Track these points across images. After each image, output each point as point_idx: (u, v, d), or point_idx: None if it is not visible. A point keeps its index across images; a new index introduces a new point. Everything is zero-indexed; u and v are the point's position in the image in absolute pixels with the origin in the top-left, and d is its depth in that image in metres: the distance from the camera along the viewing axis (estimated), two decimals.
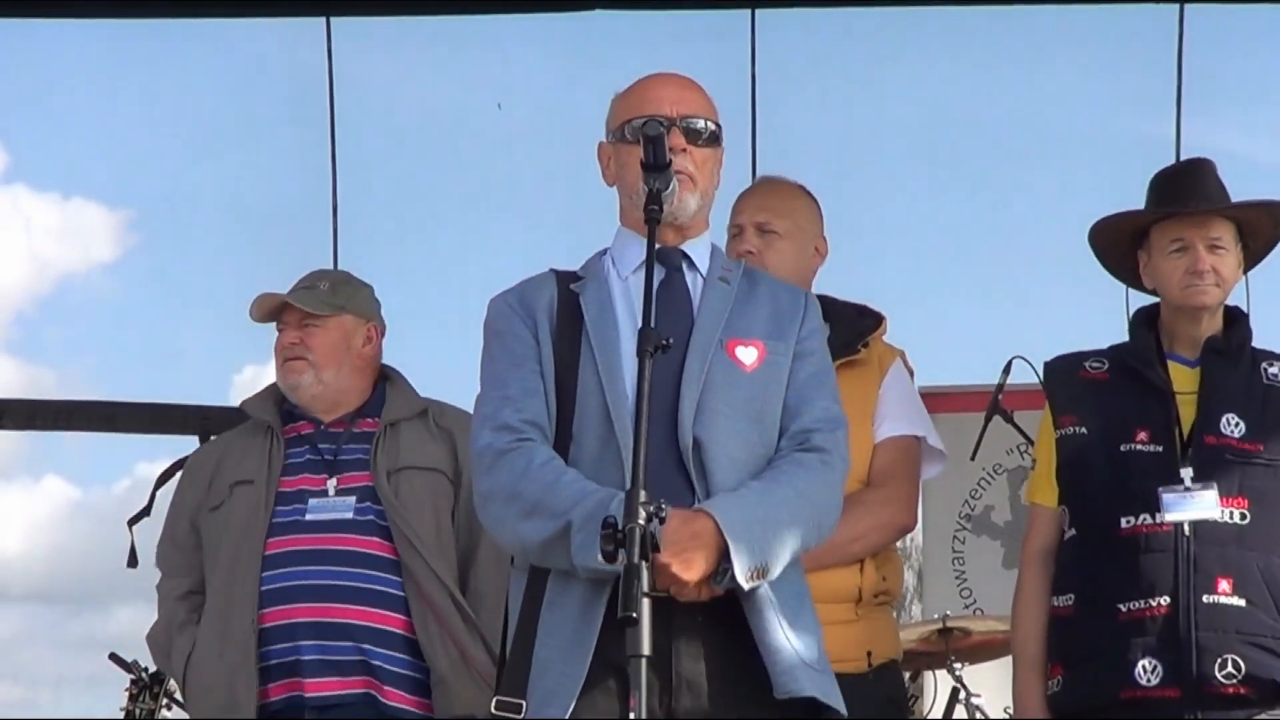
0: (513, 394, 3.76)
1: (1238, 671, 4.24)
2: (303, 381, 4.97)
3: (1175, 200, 4.48)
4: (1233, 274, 4.47)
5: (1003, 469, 7.82)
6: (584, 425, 3.73)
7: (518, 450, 3.70)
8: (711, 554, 3.56)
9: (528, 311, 3.84)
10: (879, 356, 4.78)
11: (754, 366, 3.80)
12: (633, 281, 3.84)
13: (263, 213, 8.96)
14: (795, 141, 8.27)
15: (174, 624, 4.96)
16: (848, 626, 4.59)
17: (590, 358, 3.76)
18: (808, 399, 3.83)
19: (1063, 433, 4.51)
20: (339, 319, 5.02)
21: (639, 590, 3.26)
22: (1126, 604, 4.30)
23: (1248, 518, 4.33)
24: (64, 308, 17.90)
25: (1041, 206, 8.89)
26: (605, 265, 3.91)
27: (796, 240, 4.79)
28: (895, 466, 4.73)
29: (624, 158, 3.86)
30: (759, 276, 3.99)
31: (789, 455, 3.77)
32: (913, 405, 4.81)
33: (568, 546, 3.58)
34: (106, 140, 9.63)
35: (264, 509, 4.85)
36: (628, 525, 3.30)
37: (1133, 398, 4.45)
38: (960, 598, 7.85)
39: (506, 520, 3.68)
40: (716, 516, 3.57)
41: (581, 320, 3.81)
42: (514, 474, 3.67)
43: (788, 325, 3.88)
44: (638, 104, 3.87)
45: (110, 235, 18.51)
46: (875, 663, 4.64)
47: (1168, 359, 4.49)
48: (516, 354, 3.80)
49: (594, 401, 3.73)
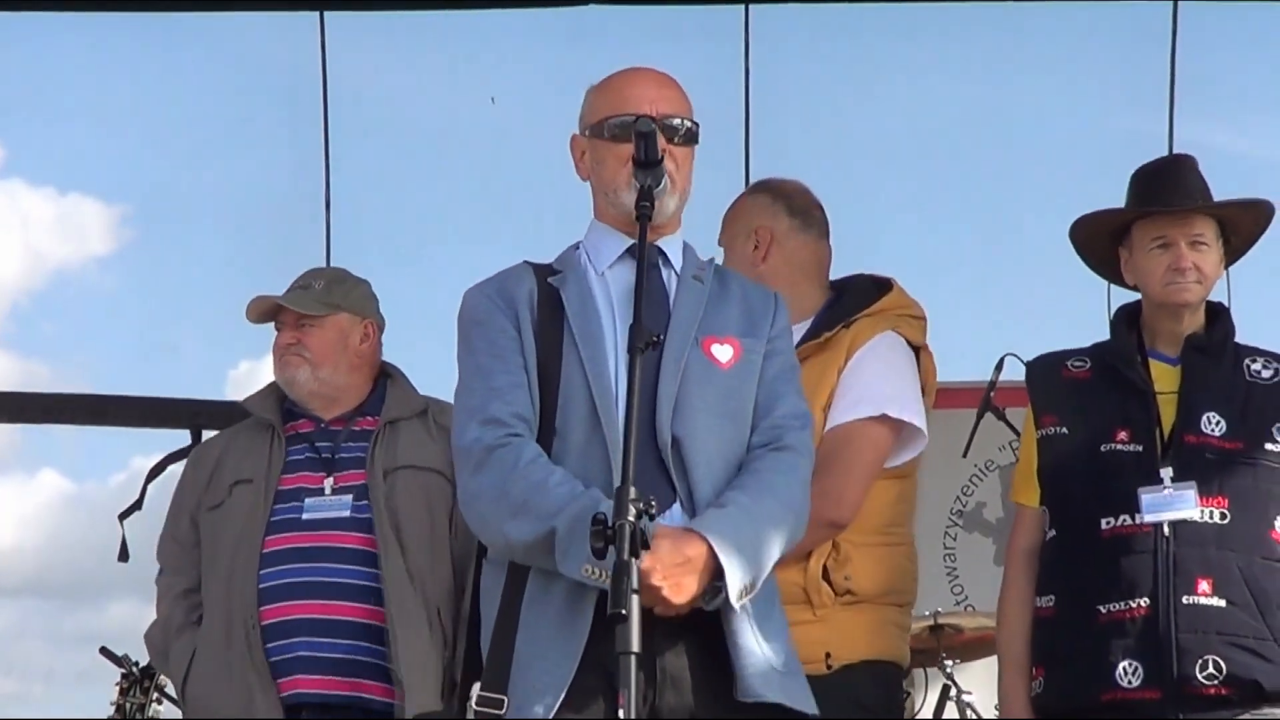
0: (499, 386, 3.75)
1: (1219, 672, 4.23)
2: (299, 376, 4.97)
3: (1157, 197, 4.47)
4: (1214, 270, 4.46)
5: (995, 465, 7.83)
6: (569, 420, 3.73)
7: (507, 446, 3.69)
8: (704, 577, 3.59)
9: (508, 303, 3.82)
10: (853, 336, 4.63)
11: (730, 364, 3.83)
12: (610, 277, 3.86)
13: (257, 208, 8.95)
14: (788, 137, 8.28)
15: (171, 626, 4.95)
16: (803, 628, 4.33)
17: (574, 352, 3.76)
18: (778, 395, 3.86)
19: (1044, 433, 4.50)
20: (335, 318, 5.02)
21: (628, 587, 3.26)
22: (1107, 605, 4.29)
23: (1228, 517, 4.32)
24: (59, 302, 17.86)
25: (1035, 203, 8.87)
26: (581, 260, 3.90)
27: (733, 246, 4.77)
28: (832, 459, 4.46)
29: (602, 153, 3.86)
30: (730, 275, 4.01)
31: (765, 456, 3.78)
32: (882, 381, 4.59)
33: (553, 551, 3.59)
34: (103, 135, 9.61)
35: (263, 507, 4.84)
36: (617, 522, 3.30)
37: (1113, 397, 4.45)
38: (952, 594, 7.86)
39: (492, 519, 3.68)
40: (711, 540, 3.59)
41: (562, 314, 3.80)
42: (502, 471, 3.67)
43: (760, 323, 3.91)
44: (618, 101, 3.87)
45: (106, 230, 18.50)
46: (834, 664, 4.52)
47: (1149, 357, 4.49)
48: (499, 346, 3.79)
49: (579, 396, 3.73)
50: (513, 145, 8.69)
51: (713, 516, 3.65)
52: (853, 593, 4.58)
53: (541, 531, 3.60)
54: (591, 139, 3.89)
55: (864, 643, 4.60)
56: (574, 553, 3.54)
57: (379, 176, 8.93)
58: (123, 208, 13.11)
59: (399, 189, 9.24)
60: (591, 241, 3.92)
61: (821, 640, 4.51)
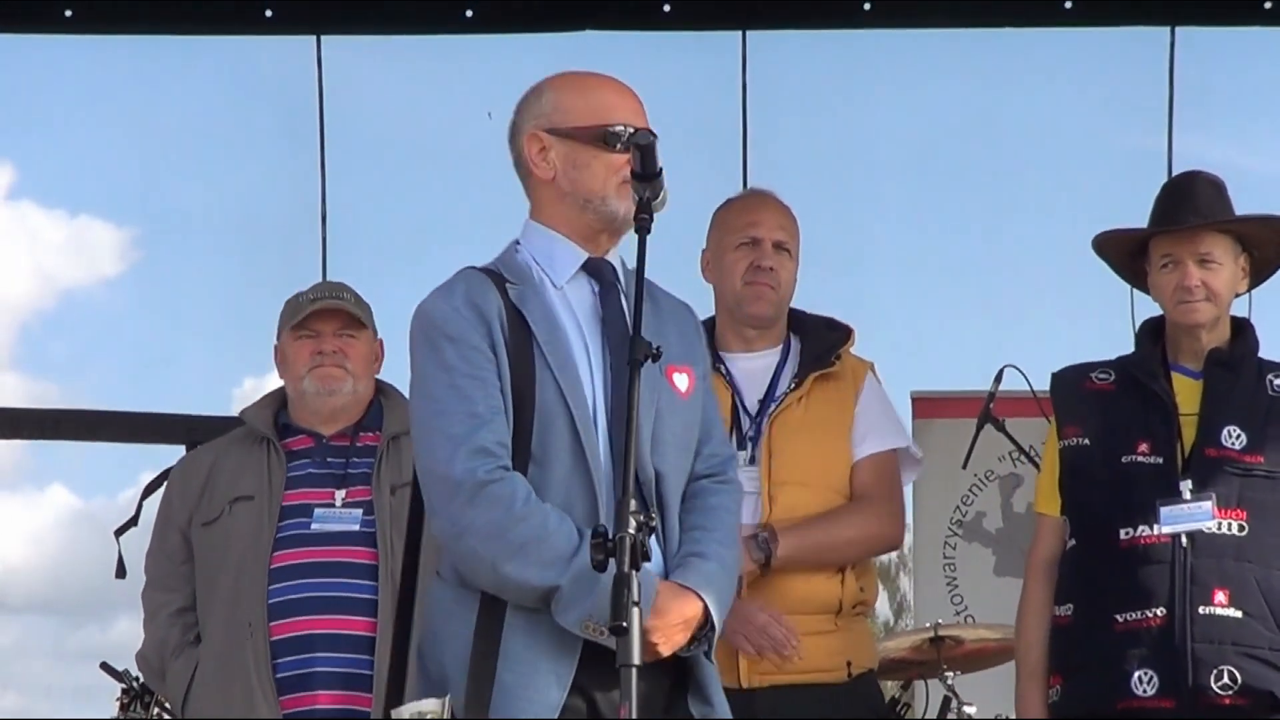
0: (482, 412, 3.63)
1: (1234, 683, 4.26)
2: (342, 389, 4.89)
3: (1168, 215, 4.49)
4: (1227, 288, 4.46)
5: (994, 475, 7.82)
6: (548, 447, 3.65)
7: (501, 481, 3.60)
8: (692, 633, 3.65)
9: (480, 319, 3.68)
10: (851, 369, 4.79)
11: (688, 394, 3.79)
12: (570, 293, 3.77)
13: (258, 227, 8.99)
14: (787, 159, 8.30)
15: (168, 647, 4.89)
16: (827, 637, 4.64)
17: (548, 375, 3.67)
18: (713, 422, 3.88)
19: (1065, 444, 4.53)
20: (367, 332, 4.97)
21: (629, 599, 3.26)
22: (1124, 615, 4.33)
23: (1246, 529, 4.34)
24: (69, 322, 17.92)
25: (1035, 218, 8.91)
26: (533, 269, 3.78)
27: (796, 263, 4.82)
28: (878, 483, 4.75)
29: (584, 158, 3.76)
30: (654, 289, 3.82)
31: (719, 492, 3.82)
32: (889, 417, 4.83)
33: (550, 599, 3.57)
34: (111, 157, 9.68)
35: (268, 524, 4.80)
36: (618, 535, 3.30)
37: (1135, 409, 4.47)
38: (951, 604, 7.85)
39: (488, 557, 3.58)
40: (707, 601, 3.65)
41: (528, 331, 3.69)
42: (499, 509, 3.58)
43: (694, 346, 3.88)
44: (601, 109, 3.77)
45: (115, 251, 18.52)
46: (855, 672, 4.66)
47: (1172, 370, 4.51)
48: (477, 365, 3.66)
49: (558, 425, 3.65)
50: (508, 160, 8.70)
51: (703, 572, 3.67)
52: (865, 604, 4.77)
53: (544, 581, 3.56)
54: (566, 140, 3.76)
55: (870, 651, 4.81)
56: (575, 607, 3.53)
57: (374, 193, 8.95)
58: (131, 230, 13.14)
59: (394, 206, 9.26)
60: (540, 249, 3.80)
61: (842, 649, 4.66)
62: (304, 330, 4.94)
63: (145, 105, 9.19)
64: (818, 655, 4.59)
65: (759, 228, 4.76)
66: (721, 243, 4.80)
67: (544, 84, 3.85)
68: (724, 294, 4.78)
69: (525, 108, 3.84)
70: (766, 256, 4.72)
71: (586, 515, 3.62)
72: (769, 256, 4.73)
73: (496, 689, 3.57)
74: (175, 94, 8.95)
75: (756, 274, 4.72)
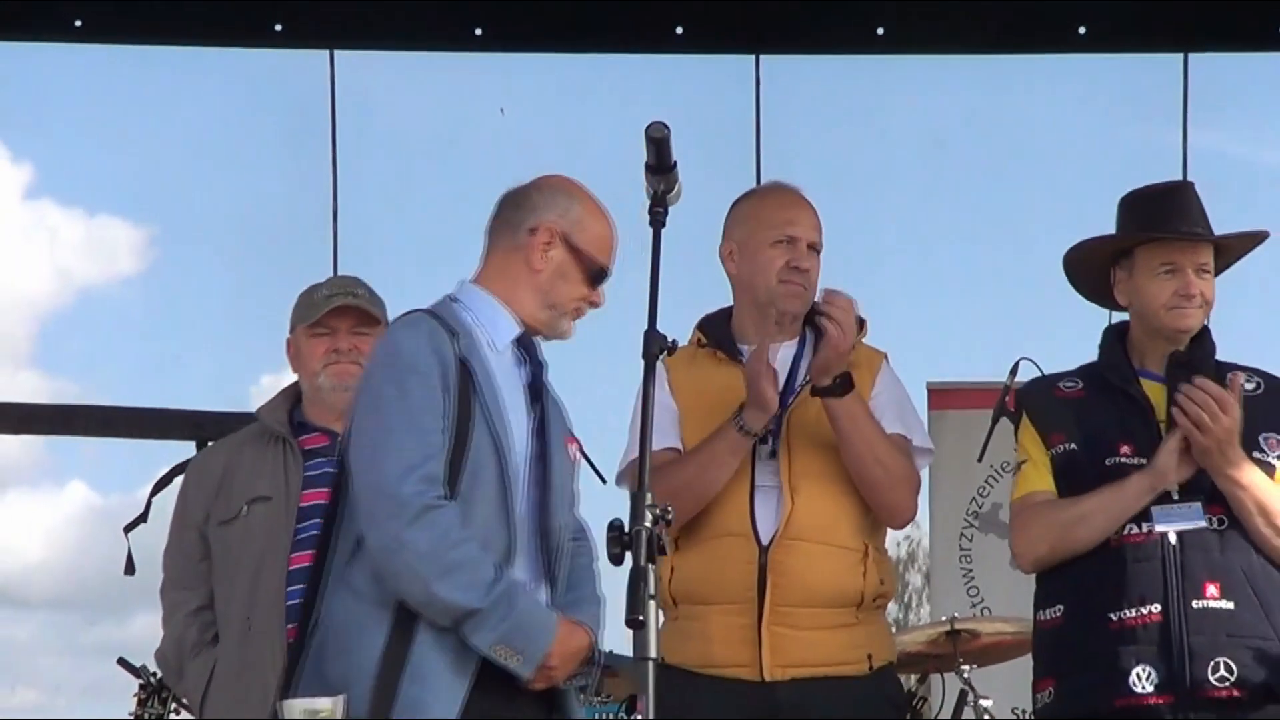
0: (434, 445, 3.87)
1: (1230, 674, 4.29)
2: (357, 385, 4.90)
3: (1166, 223, 4.51)
4: (1213, 297, 4.52)
5: (1010, 466, 7.81)
6: (476, 491, 3.90)
7: (442, 509, 3.85)
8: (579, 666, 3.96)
9: (441, 363, 3.92)
10: (865, 358, 4.79)
11: (574, 462, 4.14)
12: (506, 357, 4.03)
13: (273, 229, 9.03)
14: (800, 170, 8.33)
15: (185, 646, 4.89)
16: (849, 630, 4.64)
17: (485, 429, 3.92)
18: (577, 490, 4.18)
19: (1054, 450, 4.55)
20: (381, 328, 4.94)
21: (645, 593, 3.28)
22: (1118, 613, 4.35)
23: (1225, 522, 4.39)
24: (88, 320, 17.97)
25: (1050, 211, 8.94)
26: (475, 330, 4.02)
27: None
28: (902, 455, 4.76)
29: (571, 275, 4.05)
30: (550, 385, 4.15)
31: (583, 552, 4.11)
32: (904, 407, 4.84)
33: (466, 619, 3.81)
34: (129, 157, 9.72)
35: (286, 525, 4.80)
36: (634, 528, 3.31)
37: (1112, 413, 4.50)
38: (968, 596, 7.85)
39: (421, 573, 3.82)
40: (592, 637, 3.96)
41: (471, 384, 3.93)
42: (438, 532, 3.83)
43: (565, 415, 4.15)
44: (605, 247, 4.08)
45: (133, 250, 18.57)
46: (875, 665, 4.67)
47: (1139, 375, 4.53)
48: (433, 404, 3.90)
49: (488, 472, 3.91)
50: (521, 157, 8.72)
51: (590, 613, 4.02)
52: (884, 596, 4.77)
53: (468, 602, 3.82)
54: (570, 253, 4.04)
55: (890, 644, 4.83)
56: (491, 630, 3.81)
57: (386, 194, 8.98)
58: (150, 229, 13.18)
59: (406, 206, 9.29)
60: (484, 313, 4.05)
61: (864, 642, 4.67)
62: (319, 327, 4.94)
63: (163, 110, 9.28)
64: (840, 648, 4.60)
65: (796, 226, 4.75)
66: (755, 236, 4.77)
67: (575, 191, 4.10)
68: (754, 287, 4.76)
69: (554, 200, 4.06)
70: (803, 258, 4.72)
71: (502, 557, 3.90)
72: (805, 258, 4.73)
73: (400, 700, 3.80)
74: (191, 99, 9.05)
75: (793, 274, 4.71)
